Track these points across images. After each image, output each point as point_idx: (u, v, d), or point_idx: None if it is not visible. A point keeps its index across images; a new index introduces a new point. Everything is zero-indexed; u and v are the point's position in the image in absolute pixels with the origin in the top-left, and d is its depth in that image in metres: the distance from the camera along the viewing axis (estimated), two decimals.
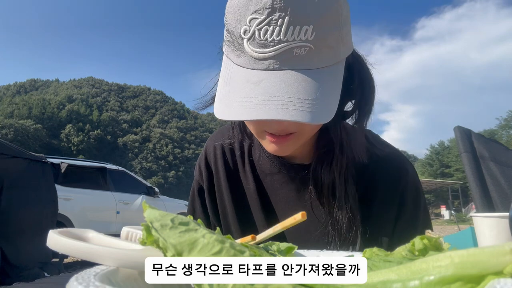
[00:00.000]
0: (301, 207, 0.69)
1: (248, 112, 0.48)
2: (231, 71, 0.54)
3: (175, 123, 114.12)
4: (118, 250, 0.30)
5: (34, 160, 4.10)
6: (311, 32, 0.48)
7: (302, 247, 0.68)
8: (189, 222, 0.32)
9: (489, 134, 39.48)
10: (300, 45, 0.49)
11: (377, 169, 0.68)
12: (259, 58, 0.50)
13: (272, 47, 0.49)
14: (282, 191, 0.72)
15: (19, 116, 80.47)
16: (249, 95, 0.49)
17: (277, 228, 0.45)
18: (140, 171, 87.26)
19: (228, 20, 0.53)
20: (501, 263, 0.23)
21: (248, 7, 0.49)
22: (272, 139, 0.57)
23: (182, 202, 8.48)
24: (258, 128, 0.59)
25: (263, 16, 0.48)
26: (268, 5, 0.47)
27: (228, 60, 0.56)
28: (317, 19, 0.48)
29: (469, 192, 2.70)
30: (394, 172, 0.68)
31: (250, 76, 0.51)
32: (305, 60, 0.50)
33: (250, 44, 0.50)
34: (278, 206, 0.73)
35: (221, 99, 0.53)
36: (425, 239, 0.37)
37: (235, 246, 0.28)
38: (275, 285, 0.26)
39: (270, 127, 0.56)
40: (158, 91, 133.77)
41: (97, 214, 6.09)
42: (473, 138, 1.69)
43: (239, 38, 0.51)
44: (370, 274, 0.28)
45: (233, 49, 0.53)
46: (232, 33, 0.52)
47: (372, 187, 0.67)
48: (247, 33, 0.50)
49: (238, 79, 0.52)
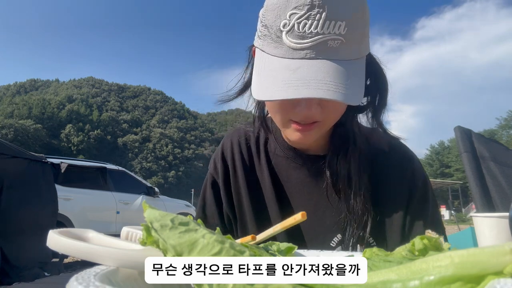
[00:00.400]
0: (317, 195, 0.74)
1: (290, 93, 0.53)
2: (266, 62, 0.60)
3: (175, 123, 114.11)
4: (118, 250, 0.30)
5: (34, 160, 4.10)
6: (344, 27, 0.55)
7: (318, 234, 0.73)
8: (189, 222, 0.31)
9: (489, 134, 39.48)
10: (333, 37, 0.55)
11: (387, 158, 0.75)
12: (297, 48, 0.56)
13: (310, 39, 0.55)
14: (298, 182, 0.77)
15: (19, 116, 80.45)
16: (289, 79, 0.55)
17: (277, 228, 0.45)
18: (140, 171, 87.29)
19: (266, 17, 0.59)
20: (501, 263, 0.23)
21: (289, 4, 0.55)
22: (298, 127, 0.63)
23: (182, 202, 8.48)
24: (284, 118, 0.64)
25: (303, 12, 0.54)
26: (308, 2, 0.54)
27: (262, 53, 0.62)
28: (349, 16, 0.55)
29: (469, 192, 2.71)
30: (403, 160, 0.75)
31: (288, 64, 0.57)
32: (337, 51, 0.56)
33: (288, 36, 0.56)
34: (294, 196, 0.76)
35: (260, 84, 0.59)
36: (425, 239, 0.37)
37: (235, 246, 0.28)
38: (275, 285, 0.26)
39: (297, 115, 0.62)
40: (158, 91, 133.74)
41: (97, 214, 6.08)
42: (473, 138, 1.69)
43: (278, 31, 0.57)
44: (370, 274, 0.28)
45: (269, 42, 0.59)
46: (270, 27, 0.59)
47: (383, 174, 0.73)
48: (287, 26, 0.56)
49: (275, 68, 0.58)
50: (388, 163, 0.74)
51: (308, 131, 0.64)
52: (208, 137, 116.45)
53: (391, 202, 0.72)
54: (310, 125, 0.63)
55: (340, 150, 0.72)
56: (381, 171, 0.74)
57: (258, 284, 0.26)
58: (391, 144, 0.77)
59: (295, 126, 0.63)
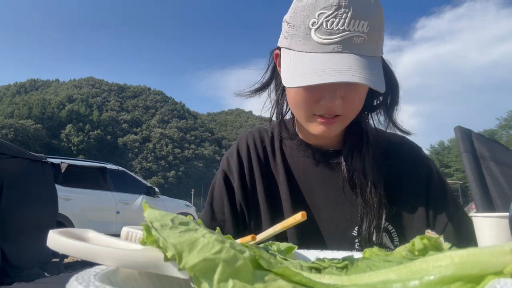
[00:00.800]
0: (334, 190, 0.78)
1: (324, 78, 0.59)
2: (295, 57, 0.65)
3: (175, 123, 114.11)
4: (118, 250, 0.30)
5: (34, 160, 4.10)
6: (366, 26, 0.62)
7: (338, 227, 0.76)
8: (189, 222, 0.32)
9: (489, 134, 39.48)
10: (358, 35, 0.62)
11: (400, 152, 0.81)
12: (325, 43, 0.62)
13: (337, 35, 0.61)
14: (316, 178, 0.80)
15: (19, 116, 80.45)
16: (320, 68, 0.61)
17: (277, 228, 0.45)
18: (140, 171, 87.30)
19: (294, 18, 0.66)
20: (501, 263, 0.23)
21: (317, 5, 0.62)
22: (322, 120, 0.68)
23: (182, 202, 8.48)
24: (308, 112, 0.69)
25: (331, 11, 0.61)
26: (335, 3, 0.61)
27: (289, 51, 0.68)
28: (371, 17, 0.62)
29: (469, 192, 2.71)
30: (415, 153, 0.82)
31: (317, 56, 0.62)
32: (361, 47, 0.63)
33: (317, 32, 0.62)
34: (311, 192, 0.80)
35: (290, 75, 0.64)
36: (425, 239, 0.37)
37: (235, 246, 0.28)
38: (275, 285, 0.26)
39: (320, 109, 0.67)
40: (158, 91, 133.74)
41: (97, 214, 6.08)
42: (473, 138, 1.69)
43: (307, 29, 0.63)
44: (370, 274, 0.28)
45: (297, 40, 0.65)
46: (298, 27, 0.65)
47: (398, 167, 0.78)
48: (315, 24, 0.62)
49: (305, 60, 0.63)
50: (401, 157, 0.80)
51: (331, 124, 0.69)
52: (208, 137, 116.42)
53: (410, 193, 0.76)
54: (333, 118, 0.68)
55: (355, 146, 0.77)
56: (395, 164, 0.78)
57: (258, 284, 0.26)
58: (401, 140, 0.83)
59: (320, 120, 0.69)
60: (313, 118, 0.70)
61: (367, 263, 0.33)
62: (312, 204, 0.79)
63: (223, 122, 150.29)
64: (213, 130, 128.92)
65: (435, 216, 0.74)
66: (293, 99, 0.72)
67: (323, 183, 0.80)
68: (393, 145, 0.82)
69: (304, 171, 0.81)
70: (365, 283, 0.27)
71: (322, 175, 0.80)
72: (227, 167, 0.85)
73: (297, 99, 0.70)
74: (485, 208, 1.46)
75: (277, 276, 0.27)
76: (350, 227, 0.75)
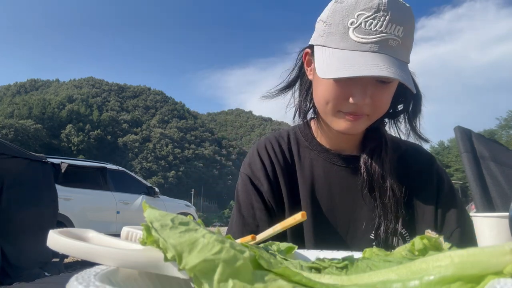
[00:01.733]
0: (353, 194, 0.80)
1: (360, 71, 0.62)
2: (331, 53, 0.68)
3: (175, 123, 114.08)
4: (118, 250, 0.30)
5: (34, 160, 4.09)
6: (402, 31, 0.65)
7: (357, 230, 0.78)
8: (189, 222, 0.32)
9: (489, 134, 39.43)
10: (394, 38, 0.65)
11: (414, 158, 0.84)
12: (362, 42, 0.65)
13: (374, 35, 0.64)
14: (335, 181, 0.82)
15: (19, 116, 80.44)
16: (357, 63, 0.63)
17: (277, 228, 0.45)
18: (140, 171, 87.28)
19: (333, 17, 0.69)
20: (501, 263, 0.23)
21: (357, 6, 0.65)
22: (349, 118, 0.71)
23: (182, 202, 8.47)
24: (336, 107, 0.71)
25: (370, 13, 0.64)
26: (375, 6, 0.64)
27: (324, 48, 0.70)
28: (406, 24, 0.66)
29: (469, 192, 2.72)
30: (428, 159, 0.85)
31: (354, 53, 0.65)
32: (395, 50, 0.66)
33: (355, 31, 0.65)
34: (331, 196, 0.81)
35: (326, 67, 0.66)
36: (425, 239, 0.37)
37: (235, 246, 0.28)
38: (275, 285, 0.26)
39: (349, 106, 0.69)
40: (158, 91, 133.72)
41: (97, 214, 6.08)
42: (473, 138, 1.69)
43: (345, 28, 0.66)
44: (370, 274, 0.28)
45: (334, 38, 0.68)
46: (335, 26, 0.68)
47: (412, 172, 0.81)
48: (354, 24, 0.65)
49: (341, 56, 0.66)
50: (416, 164, 0.83)
51: (356, 121, 0.71)
52: (208, 137, 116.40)
53: (421, 197, 0.79)
54: (359, 116, 0.71)
55: (374, 151, 0.80)
56: (410, 172, 0.81)
57: (258, 284, 0.26)
58: (417, 148, 0.87)
59: (348, 117, 0.71)
60: (339, 114, 0.72)
61: (367, 263, 0.33)
62: (331, 207, 0.80)
63: (223, 122, 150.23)
64: (213, 130, 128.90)
65: (443, 222, 0.77)
66: (322, 94, 0.73)
67: (342, 187, 0.81)
68: (409, 152, 0.85)
69: (323, 175, 0.83)
70: (365, 283, 0.27)
71: (340, 179, 0.82)
72: (251, 173, 0.85)
73: (327, 94, 0.71)
74: (485, 208, 1.46)
75: (277, 276, 0.27)
76: (368, 231, 0.77)
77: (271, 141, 0.89)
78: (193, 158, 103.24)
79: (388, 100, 0.73)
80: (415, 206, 0.78)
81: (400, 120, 0.83)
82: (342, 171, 0.82)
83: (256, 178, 0.84)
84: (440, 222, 0.77)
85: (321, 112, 0.77)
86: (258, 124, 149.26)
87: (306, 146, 0.86)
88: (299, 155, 0.86)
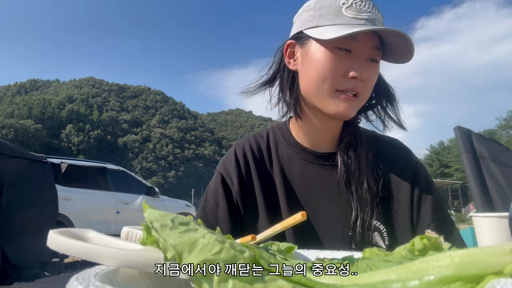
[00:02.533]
0: (330, 191, 0.80)
1: (363, 27, 0.67)
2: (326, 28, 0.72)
3: (175, 123, 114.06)
4: (118, 250, 0.30)
5: (34, 160, 4.09)
6: (381, 17, 0.73)
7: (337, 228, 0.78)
8: (189, 222, 0.31)
9: (489, 134, 39.42)
10: (379, 20, 0.72)
11: (391, 154, 0.84)
12: (357, 18, 0.70)
13: (366, 14, 0.70)
14: (311, 179, 0.82)
15: (20, 116, 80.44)
16: (356, 23, 0.69)
17: (276, 228, 0.45)
18: (140, 171, 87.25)
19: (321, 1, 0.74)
20: (501, 263, 0.23)
21: None
22: (345, 97, 0.73)
23: (182, 202, 8.47)
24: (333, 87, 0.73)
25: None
26: None
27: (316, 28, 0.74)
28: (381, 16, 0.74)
29: (469, 192, 2.72)
30: (403, 152, 0.85)
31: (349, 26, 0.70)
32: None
33: (348, 9, 0.71)
34: (305, 193, 0.82)
35: (326, 31, 0.71)
36: (425, 239, 0.37)
37: (235, 246, 0.28)
38: (275, 285, 0.26)
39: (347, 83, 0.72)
40: (158, 91, 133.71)
41: (97, 214, 6.07)
42: (473, 138, 1.69)
43: (337, 7, 0.71)
44: (370, 274, 0.28)
45: (327, 17, 0.73)
46: (327, 8, 0.73)
47: (387, 164, 0.81)
48: (345, 4, 0.71)
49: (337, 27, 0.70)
50: (392, 158, 0.83)
51: (353, 101, 0.73)
52: (208, 137, 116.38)
53: (398, 191, 0.79)
54: (353, 97, 0.73)
55: (350, 145, 0.81)
56: (386, 166, 0.81)
57: (258, 284, 0.26)
58: (393, 142, 0.87)
59: (343, 97, 0.73)
60: (335, 94, 0.73)
61: (367, 263, 0.33)
62: (309, 205, 0.80)
63: (223, 122, 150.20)
64: (213, 130, 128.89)
65: (418, 216, 0.77)
66: (318, 73, 0.74)
67: (320, 185, 0.81)
68: (387, 147, 0.85)
69: (301, 174, 0.83)
70: (365, 283, 0.27)
71: (318, 177, 0.82)
72: (225, 171, 0.85)
73: (324, 71, 0.73)
74: (485, 208, 1.46)
75: (277, 276, 0.27)
76: (346, 228, 0.77)
77: (249, 140, 0.90)
78: (193, 158, 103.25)
79: (374, 83, 0.76)
80: (391, 200, 0.78)
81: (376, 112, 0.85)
82: (319, 169, 0.82)
83: (228, 176, 0.84)
84: (416, 216, 0.77)
85: (314, 96, 0.77)
86: (258, 124, 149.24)
87: (284, 145, 0.86)
88: (277, 154, 0.86)
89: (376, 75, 0.76)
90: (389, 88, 0.84)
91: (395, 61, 0.76)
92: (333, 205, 0.79)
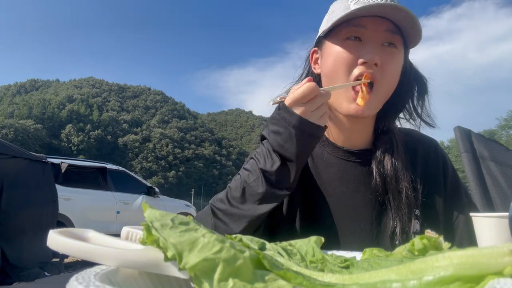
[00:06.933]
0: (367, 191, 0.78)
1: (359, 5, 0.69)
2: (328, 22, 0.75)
3: (175, 123, 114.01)
4: (118, 250, 0.30)
5: (34, 160, 4.10)
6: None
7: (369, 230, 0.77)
8: (189, 222, 0.32)
9: (489, 134, 39.39)
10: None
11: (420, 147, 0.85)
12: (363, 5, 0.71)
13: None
14: (349, 178, 0.81)
15: (20, 116, 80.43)
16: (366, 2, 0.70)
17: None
18: (140, 171, 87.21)
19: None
20: (500, 265, 0.23)
21: None
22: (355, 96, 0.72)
23: (182, 202, 8.47)
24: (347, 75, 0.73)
25: None
26: None
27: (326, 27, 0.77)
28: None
29: (469, 192, 2.71)
30: (433, 148, 0.86)
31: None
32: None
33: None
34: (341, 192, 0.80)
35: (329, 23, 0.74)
36: (425, 239, 0.37)
37: (235, 245, 0.28)
38: (275, 284, 0.26)
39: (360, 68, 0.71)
40: (158, 91, 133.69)
41: (97, 214, 6.08)
42: (473, 138, 1.68)
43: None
44: (370, 273, 0.28)
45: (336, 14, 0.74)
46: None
47: (420, 162, 0.82)
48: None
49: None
50: (422, 152, 0.84)
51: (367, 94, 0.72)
52: (208, 137, 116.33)
53: (431, 189, 0.79)
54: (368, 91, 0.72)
55: (386, 150, 0.80)
56: (418, 160, 0.82)
57: (258, 284, 0.26)
58: (419, 135, 0.88)
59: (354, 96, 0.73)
60: (348, 93, 0.73)
61: (368, 263, 0.33)
62: (344, 204, 0.79)
63: (223, 122, 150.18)
64: (213, 130, 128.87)
65: (450, 208, 0.79)
66: (332, 65, 0.75)
67: (358, 184, 0.80)
68: (414, 140, 0.85)
69: (336, 172, 0.82)
70: (366, 282, 0.27)
71: (355, 176, 0.81)
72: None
73: (336, 62, 0.74)
74: (485, 208, 1.46)
75: (277, 276, 0.27)
76: (384, 235, 0.76)
77: None
78: (193, 158, 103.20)
79: (397, 69, 0.74)
80: (427, 197, 0.78)
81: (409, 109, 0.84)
82: (357, 167, 0.81)
83: None
84: (448, 208, 0.78)
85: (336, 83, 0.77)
86: (258, 124, 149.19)
87: (319, 146, 0.86)
88: (312, 155, 0.85)
89: (395, 60, 0.74)
90: (421, 78, 0.82)
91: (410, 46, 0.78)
92: (368, 208, 0.78)
